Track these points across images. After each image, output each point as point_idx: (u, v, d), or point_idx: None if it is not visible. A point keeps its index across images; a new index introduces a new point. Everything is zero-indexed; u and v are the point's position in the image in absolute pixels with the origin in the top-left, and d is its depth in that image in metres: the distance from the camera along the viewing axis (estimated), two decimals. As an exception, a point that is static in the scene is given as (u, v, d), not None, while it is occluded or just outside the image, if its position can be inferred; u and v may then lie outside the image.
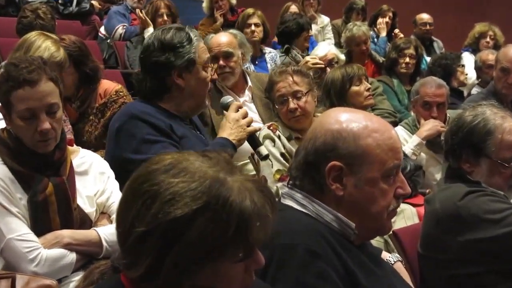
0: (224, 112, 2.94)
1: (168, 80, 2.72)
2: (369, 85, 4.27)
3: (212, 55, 4.18)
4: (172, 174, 1.27)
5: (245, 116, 2.81)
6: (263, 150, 2.84)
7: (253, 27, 5.85)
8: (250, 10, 6.11)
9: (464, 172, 2.48)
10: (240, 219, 1.25)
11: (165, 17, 6.16)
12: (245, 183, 1.30)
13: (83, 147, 2.63)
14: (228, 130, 2.76)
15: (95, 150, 2.88)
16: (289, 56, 5.77)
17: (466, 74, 5.84)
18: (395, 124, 4.48)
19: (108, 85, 3.80)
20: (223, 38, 4.32)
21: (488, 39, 6.89)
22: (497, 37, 6.92)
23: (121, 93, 3.72)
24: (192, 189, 1.25)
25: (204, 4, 7.15)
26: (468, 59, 6.42)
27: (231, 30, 4.71)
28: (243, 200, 1.27)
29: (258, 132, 3.08)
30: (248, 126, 2.80)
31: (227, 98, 2.95)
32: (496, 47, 6.69)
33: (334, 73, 4.26)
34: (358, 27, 6.10)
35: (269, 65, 5.58)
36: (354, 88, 4.16)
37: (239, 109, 2.84)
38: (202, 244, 1.23)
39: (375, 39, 6.96)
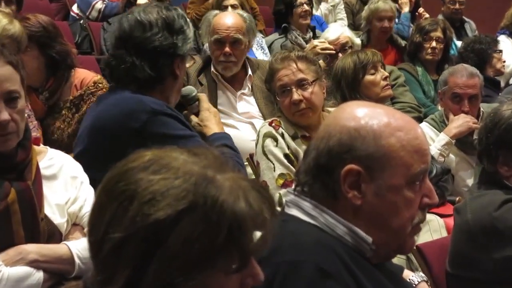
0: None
1: (167, 69, 2.70)
2: (386, 73, 4.27)
3: (217, 38, 4.21)
4: (152, 171, 1.27)
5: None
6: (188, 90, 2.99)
7: (229, 9, 5.68)
8: None
9: (501, 177, 2.49)
10: (232, 222, 1.24)
11: None
12: (238, 181, 1.29)
13: (52, 147, 2.60)
14: (215, 124, 2.90)
15: (67, 151, 2.86)
16: (289, 38, 5.78)
17: (504, 61, 5.85)
18: (419, 120, 4.49)
19: (86, 75, 3.80)
20: (232, 21, 4.33)
21: None
22: None
23: (100, 85, 3.71)
24: (175, 187, 1.24)
25: None
26: (505, 44, 6.42)
27: (238, 11, 4.70)
28: (236, 200, 1.26)
29: None
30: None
31: (192, 91, 3.03)
32: None
33: (345, 60, 4.26)
34: (385, 1, 6.14)
35: (256, 52, 5.55)
36: (369, 77, 4.16)
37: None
38: (188, 251, 1.22)
39: (396, 19, 6.99)
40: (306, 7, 6.10)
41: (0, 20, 3.35)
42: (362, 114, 1.71)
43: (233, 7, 5.76)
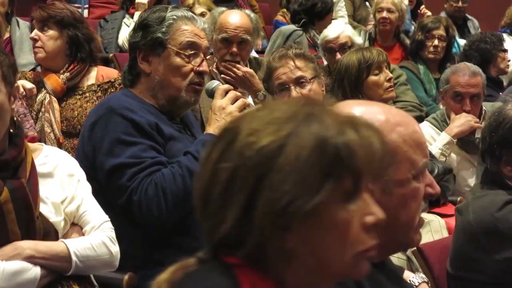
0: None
1: (135, 65, 2.77)
2: (390, 75, 4.23)
3: (225, 37, 4.20)
4: (251, 117, 1.31)
5: (235, 100, 2.74)
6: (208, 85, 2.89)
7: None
8: None
9: (503, 177, 2.48)
10: (341, 148, 1.26)
11: None
12: (344, 119, 1.31)
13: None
14: (214, 123, 2.70)
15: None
16: (307, 35, 5.78)
17: (509, 61, 5.85)
18: (421, 119, 4.49)
19: (109, 71, 3.99)
20: (240, 20, 4.29)
21: None
22: None
23: None
24: (276, 117, 1.28)
25: None
26: (507, 43, 6.42)
27: (245, 10, 4.69)
28: (343, 133, 1.27)
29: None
30: (241, 111, 2.70)
31: (213, 83, 2.91)
32: None
33: (350, 57, 4.22)
34: None
35: None
36: (372, 77, 4.11)
37: (227, 94, 2.77)
38: (296, 174, 1.23)
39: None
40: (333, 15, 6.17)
41: None
42: (360, 113, 1.71)
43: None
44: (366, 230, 1.31)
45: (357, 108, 1.72)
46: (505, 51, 5.79)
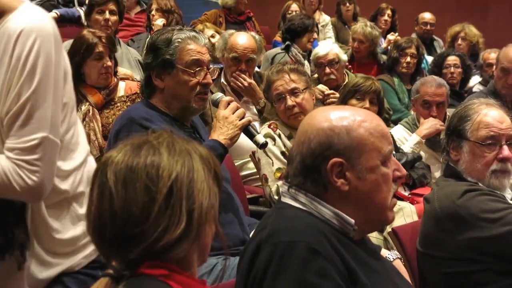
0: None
1: (151, 80, 2.76)
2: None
3: (235, 56, 4.21)
4: None
5: (235, 110, 2.73)
6: (260, 138, 2.76)
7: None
8: None
9: (460, 171, 2.50)
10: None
11: (154, 13, 5.98)
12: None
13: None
14: (218, 130, 2.69)
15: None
16: (289, 54, 5.78)
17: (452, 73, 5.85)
18: (386, 121, 4.47)
19: (134, 84, 4.00)
20: (248, 42, 4.28)
21: (459, 41, 6.90)
22: (469, 37, 6.88)
23: None
24: None
25: None
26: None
27: (252, 33, 4.71)
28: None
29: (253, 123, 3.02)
30: (241, 119, 2.71)
31: (217, 95, 2.88)
32: (472, 47, 6.79)
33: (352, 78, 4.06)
34: (363, 26, 6.13)
35: None
36: (353, 101, 3.86)
37: (229, 104, 2.75)
38: None
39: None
40: (315, 35, 6.11)
41: None
42: (332, 116, 1.74)
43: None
44: None
45: (331, 112, 1.76)
46: (447, 66, 5.81)
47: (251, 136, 2.76)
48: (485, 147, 2.44)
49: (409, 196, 3.73)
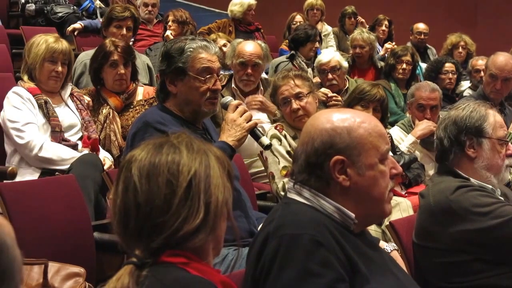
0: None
1: (166, 86, 2.76)
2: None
3: (242, 61, 4.23)
4: None
5: (243, 113, 2.71)
6: (265, 140, 2.75)
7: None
8: None
9: (453, 169, 2.49)
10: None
11: (171, 24, 5.94)
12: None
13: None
14: (226, 133, 2.67)
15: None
16: (294, 63, 5.78)
17: (450, 79, 5.85)
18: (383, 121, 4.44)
19: (151, 89, 4.02)
20: (254, 49, 4.32)
21: (460, 50, 6.89)
22: (468, 46, 6.91)
23: None
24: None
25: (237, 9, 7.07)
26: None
27: (258, 41, 4.71)
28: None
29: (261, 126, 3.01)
30: (248, 122, 2.69)
31: (226, 98, 2.86)
32: (469, 55, 6.77)
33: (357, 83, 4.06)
34: (360, 33, 6.16)
35: None
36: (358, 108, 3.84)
37: (237, 108, 2.72)
38: None
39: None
40: (317, 44, 6.11)
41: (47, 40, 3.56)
42: (334, 118, 1.75)
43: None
44: None
45: (333, 114, 1.77)
46: (445, 72, 5.81)
47: (256, 137, 2.75)
48: (503, 144, 2.48)
49: (406, 195, 3.74)
